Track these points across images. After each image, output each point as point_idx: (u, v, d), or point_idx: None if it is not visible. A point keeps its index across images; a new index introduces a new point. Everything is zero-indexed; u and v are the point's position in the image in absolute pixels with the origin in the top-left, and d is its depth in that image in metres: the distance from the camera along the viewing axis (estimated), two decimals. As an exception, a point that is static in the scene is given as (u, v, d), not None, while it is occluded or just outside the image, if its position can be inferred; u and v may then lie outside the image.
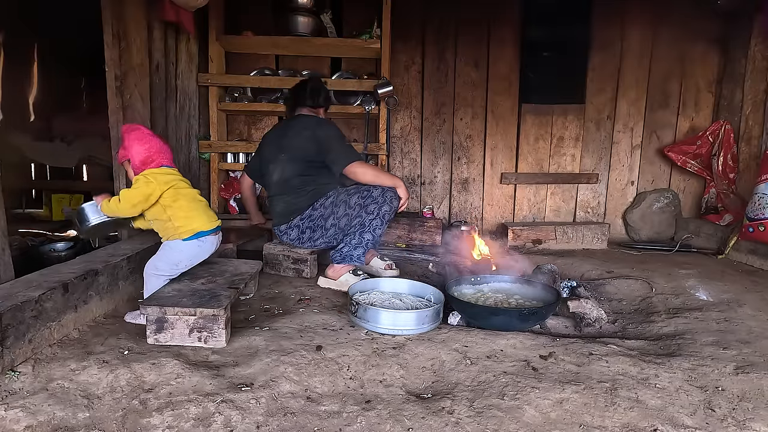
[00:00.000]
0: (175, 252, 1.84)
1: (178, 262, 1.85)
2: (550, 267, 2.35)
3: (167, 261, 1.83)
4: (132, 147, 1.82)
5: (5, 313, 1.32)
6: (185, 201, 1.84)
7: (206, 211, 1.91)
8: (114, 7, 2.22)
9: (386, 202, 2.22)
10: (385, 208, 2.23)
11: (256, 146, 3.36)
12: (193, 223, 1.84)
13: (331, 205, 2.34)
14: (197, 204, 1.88)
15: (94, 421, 1.17)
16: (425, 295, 1.98)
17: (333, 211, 2.34)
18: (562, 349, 1.57)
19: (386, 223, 2.27)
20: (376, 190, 2.25)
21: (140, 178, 1.79)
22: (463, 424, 1.17)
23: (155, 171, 1.81)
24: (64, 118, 4.60)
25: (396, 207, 2.27)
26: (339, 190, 2.36)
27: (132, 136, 1.83)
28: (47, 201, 4.35)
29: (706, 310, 1.99)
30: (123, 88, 2.31)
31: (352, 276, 2.24)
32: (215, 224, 1.92)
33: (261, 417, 1.19)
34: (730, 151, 3.35)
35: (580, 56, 3.51)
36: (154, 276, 1.81)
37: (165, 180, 1.81)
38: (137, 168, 1.81)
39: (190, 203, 1.85)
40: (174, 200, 1.82)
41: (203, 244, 1.87)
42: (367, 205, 2.23)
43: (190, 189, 1.89)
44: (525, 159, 3.67)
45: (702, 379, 1.40)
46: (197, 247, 1.86)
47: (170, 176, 1.84)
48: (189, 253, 1.86)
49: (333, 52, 3.43)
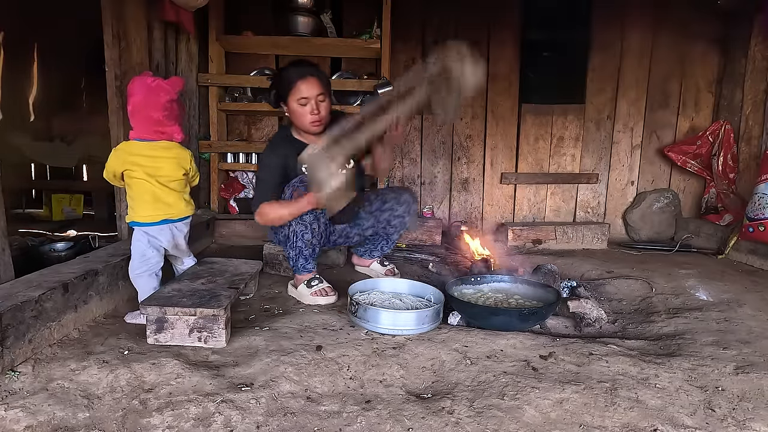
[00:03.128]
0: (134, 240, 1.80)
1: (142, 251, 1.78)
2: (550, 267, 2.35)
3: (134, 254, 1.80)
4: (135, 113, 1.73)
5: (5, 313, 1.32)
6: (132, 190, 1.78)
7: (154, 202, 1.77)
8: (114, 7, 2.22)
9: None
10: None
11: (256, 146, 3.39)
12: (135, 209, 1.78)
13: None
14: (146, 195, 1.77)
15: (94, 421, 1.17)
16: (425, 295, 1.97)
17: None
18: (562, 349, 1.57)
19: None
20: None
21: (113, 151, 1.78)
22: (463, 424, 1.17)
23: (124, 146, 1.76)
24: (64, 118, 4.61)
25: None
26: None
27: (135, 100, 1.72)
28: (47, 201, 4.35)
29: (706, 310, 1.99)
30: (123, 88, 2.30)
31: (304, 287, 2.10)
32: (158, 218, 1.79)
33: (261, 417, 1.19)
34: (730, 151, 3.35)
35: (580, 56, 3.51)
36: (136, 276, 1.80)
37: (122, 160, 1.74)
38: (134, 134, 1.76)
39: (137, 193, 1.77)
40: (128, 184, 1.79)
41: (145, 234, 1.79)
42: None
43: (143, 180, 1.75)
44: (525, 159, 3.67)
45: (702, 379, 1.40)
46: (142, 235, 1.79)
47: (134, 157, 1.73)
48: (140, 241, 1.79)
49: (333, 52, 3.43)
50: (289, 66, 2.10)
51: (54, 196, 4.32)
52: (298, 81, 1.99)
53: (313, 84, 2.01)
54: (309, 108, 2.02)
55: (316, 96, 2.01)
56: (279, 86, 2.07)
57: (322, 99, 2.04)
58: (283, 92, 2.05)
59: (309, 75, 2.01)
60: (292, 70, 2.05)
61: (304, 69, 2.03)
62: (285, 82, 2.04)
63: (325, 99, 2.05)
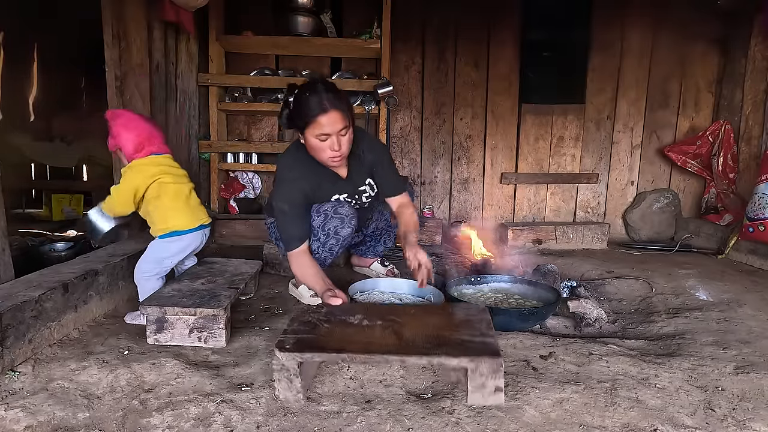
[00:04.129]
0: (154, 249, 1.82)
1: (161, 259, 1.81)
2: (550, 267, 2.35)
3: (150, 259, 1.81)
4: (120, 135, 1.75)
5: (5, 313, 1.32)
6: (167, 198, 1.78)
7: (189, 209, 1.83)
8: (114, 7, 2.22)
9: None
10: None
11: (256, 146, 3.39)
12: (169, 221, 1.79)
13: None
14: (179, 203, 1.81)
15: (94, 421, 1.17)
16: (425, 296, 1.97)
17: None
18: (562, 349, 1.57)
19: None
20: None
21: (127, 170, 1.75)
22: (463, 424, 1.17)
23: (143, 162, 1.76)
24: (64, 118, 4.61)
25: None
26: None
27: (118, 123, 1.76)
28: (47, 201, 4.35)
29: (706, 310, 1.99)
30: (123, 88, 2.31)
31: (305, 287, 2.09)
32: (195, 224, 1.85)
33: (261, 417, 1.19)
34: (730, 151, 3.35)
35: (580, 56, 3.51)
36: (144, 279, 1.80)
37: (151, 173, 1.75)
38: (130, 156, 1.76)
39: (172, 201, 1.79)
40: (156, 196, 1.77)
41: (181, 242, 1.82)
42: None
43: (176, 185, 1.81)
44: (525, 159, 3.67)
45: (702, 379, 1.40)
46: (171, 244, 1.82)
47: (158, 168, 1.76)
48: (170, 250, 1.82)
49: (333, 52, 3.43)
50: (309, 92, 1.71)
51: (54, 196, 4.32)
52: (319, 116, 1.68)
53: (336, 119, 1.69)
54: (329, 143, 1.74)
55: (339, 131, 1.72)
56: (295, 114, 1.75)
57: (345, 133, 1.75)
58: (299, 122, 1.75)
59: (332, 109, 1.68)
60: (313, 100, 1.68)
61: (325, 101, 1.68)
62: (302, 113, 1.71)
63: (347, 132, 1.76)
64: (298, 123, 1.75)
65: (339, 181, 1.99)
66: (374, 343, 1.29)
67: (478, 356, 1.17)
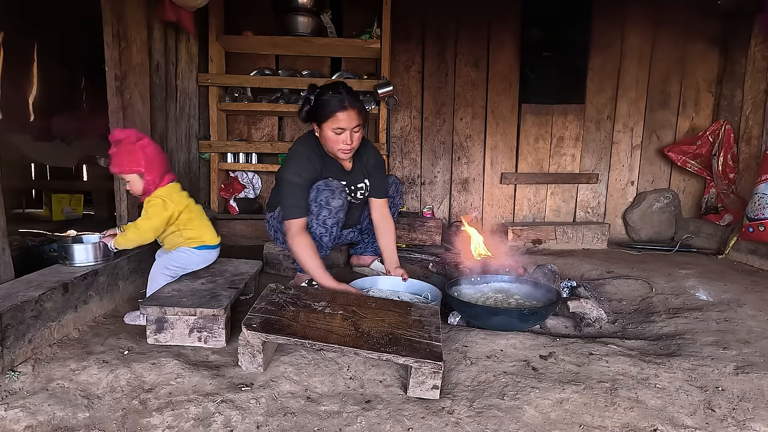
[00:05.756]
0: (187, 256, 1.89)
1: (187, 265, 1.90)
2: (550, 267, 2.35)
3: (178, 264, 1.87)
4: (152, 162, 1.80)
5: (5, 313, 1.32)
6: (197, 220, 1.92)
7: (211, 227, 1.99)
8: (114, 7, 2.22)
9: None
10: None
11: (256, 146, 3.39)
12: (203, 236, 1.92)
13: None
14: (205, 221, 1.96)
15: (94, 421, 1.17)
16: (422, 293, 2.02)
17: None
18: (562, 349, 1.57)
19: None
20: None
21: (157, 201, 1.79)
22: (463, 424, 1.17)
23: (172, 190, 1.85)
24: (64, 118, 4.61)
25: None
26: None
27: (150, 151, 1.80)
28: (47, 201, 4.35)
29: (706, 310, 1.99)
30: (123, 88, 2.30)
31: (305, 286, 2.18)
32: (218, 241, 2.00)
33: (261, 417, 1.19)
34: (730, 151, 3.35)
35: (580, 56, 3.51)
36: (162, 276, 1.84)
37: (180, 200, 1.86)
38: (150, 184, 1.81)
39: (200, 220, 1.93)
40: (189, 220, 1.88)
41: (209, 255, 1.97)
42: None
43: (197, 206, 1.96)
44: (525, 159, 3.67)
45: (702, 379, 1.40)
46: (202, 255, 1.94)
47: (182, 195, 1.89)
48: (198, 259, 1.93)
49: (333, 52, 3.43)
50: (330, 92, 1.98)
51: (54, 196, 4.31)
52: (339, 112, 1.94)
53: (353, 116, 1.96)
54: (343, 137, 1.99)
55: (353, 128, 1.98)
56: (315, 109, 2.00)
57: (357, 130, 2.00)
58: (319, 116, 1.99)
59: (350, 107, 1.94)
60: (334, 99, 1.95)
61: (345, 99, 1.94)
62: (323, 109, 1.97)
63: (359, 130, 2.02)
64: (317, 118, 2.00)
65: (343, 171, 2.21)
66: (333, 332, 1.40)
67: (423, 358, 1.29)
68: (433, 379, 1.29)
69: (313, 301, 1.59)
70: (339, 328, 1.43)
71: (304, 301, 1.58)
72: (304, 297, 1.61)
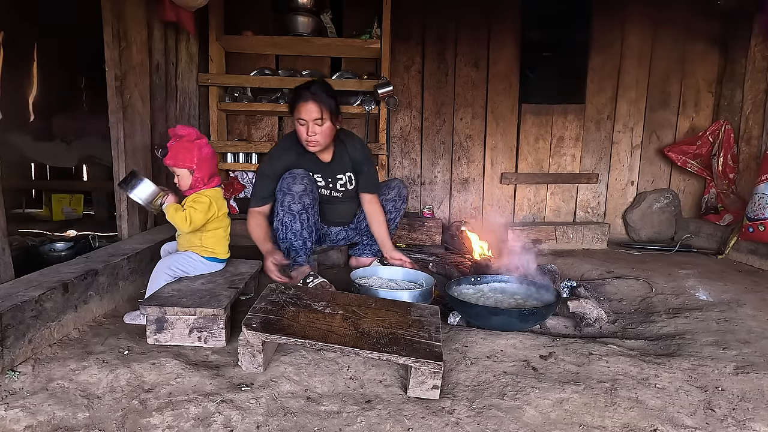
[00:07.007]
0: (194, 263, 1.90)
1: (191, 272, 1.91)
2: (550, 267, 2.35)
3: (182, 268, 1.88)
4: (204, 162, 1.84)
5: (5, 313, 1.32)
6: (222, 231, 1.95)
7: (227, 242, 2.01)
8: (114, 7, 2.22)
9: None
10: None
11: (256, 146, 3.39)
12: (217, 249, 1.94)
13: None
14: (227, 234, 1.99)
15: (94, 421, 1.17)
16: (418, 280, 2.21)
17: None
18: (562, 349, 1.57)
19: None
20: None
21: (206, 200, 1.84)
22: (463, 424, 1.17)
23: (217, 194, 1.90)
24: (64, 118, 4.60)
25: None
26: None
27: (205, 151, 1.85)
28: (47, 201, 4.34)
29: (706, 310, 1.99)
30: (123, 88, 2.30)
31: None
32: (228, 256, 2.03)
33: (261, 417, 1.19)
34: (730, 151, 3.35)
35: (580, 56, 3.51)
36: (163, 276, 1.84)
37: (221, 206, 1.91)
38: (198, 181, 1.85)
39: (224, 232, 1.96)
40: (215, 228, 1.91)
41: (215, 266, 1.98)
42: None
43: (228, 219, 1.99)
44: (525, 159, 3.67)
45: (702, 379, 1.40)
46: (208, 265, 1.95)
47: (223, 203, 1.94)
48: (203, 267, 1.93)
49: (333, 52, 3.43)
50: (301, 86, 2.16)
51: (54, 196, 4.30)
52: (298, 103, 2.10)
53: (311, 109, 2.07)
54: (304, 129, 2.13)
55: (313, 120, 2.09)
56: (289, 102, 2.20)
57: (320, 123, 2.11)
58: (290, 109, 2.18)
59: (309, 99, 2.07)
60: (298, 91, 2.13)
61: (308, 93, 2.08)
62: (291, 102, 2.16)
63: (323, 123, 2.12)
64: (290, 110, 2.17)
65: (319, 163, 2.31)
66: (333, 332, 1.40)
67: (423, 358, 1.29)
68: (433, 379, 1.29)
69: (313, 301, 1.59)
70: (339, 328, 1.43)
71: (304, 301, 1.58)
72: (304, 297, 1.62)
